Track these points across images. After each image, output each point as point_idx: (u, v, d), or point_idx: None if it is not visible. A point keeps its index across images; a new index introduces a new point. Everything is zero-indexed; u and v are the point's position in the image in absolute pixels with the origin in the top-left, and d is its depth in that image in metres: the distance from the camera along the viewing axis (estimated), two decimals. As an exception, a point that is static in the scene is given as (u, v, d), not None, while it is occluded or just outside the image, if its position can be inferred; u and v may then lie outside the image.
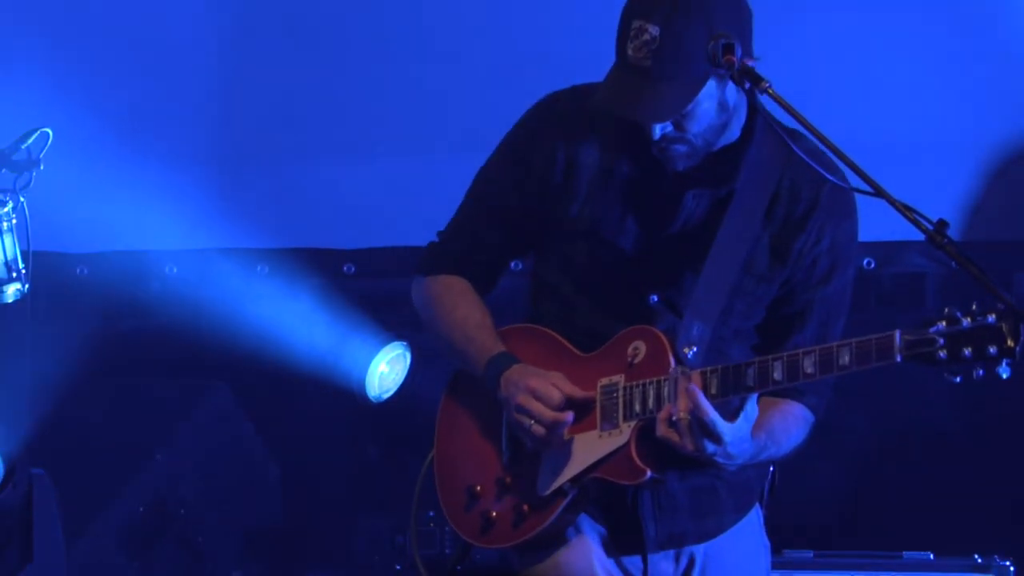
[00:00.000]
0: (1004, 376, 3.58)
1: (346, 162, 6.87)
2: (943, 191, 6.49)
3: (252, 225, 6.79)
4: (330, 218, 6.87)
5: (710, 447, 3.88)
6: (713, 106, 3.93)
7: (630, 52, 3.86)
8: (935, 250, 3.69)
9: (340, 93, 6.83)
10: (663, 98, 3.86)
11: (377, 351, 6.81)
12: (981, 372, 3.59)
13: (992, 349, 3.56)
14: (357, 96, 6.82)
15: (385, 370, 6.83)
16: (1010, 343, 3.54)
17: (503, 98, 6.42)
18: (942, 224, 3.66)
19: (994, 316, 3.57)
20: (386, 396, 6.82)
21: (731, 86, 3.92)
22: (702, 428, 3.85)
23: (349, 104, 6.82)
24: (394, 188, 6.83)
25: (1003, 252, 6.59)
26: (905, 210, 3.68)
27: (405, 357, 6.83)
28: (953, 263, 3.68)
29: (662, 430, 3.91)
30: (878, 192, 3.74)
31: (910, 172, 5.88)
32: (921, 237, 3.67)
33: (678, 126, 3.94)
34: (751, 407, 3.89)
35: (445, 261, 4.31)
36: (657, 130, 3.93)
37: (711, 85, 3.89)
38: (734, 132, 4.03)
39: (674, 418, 3.88)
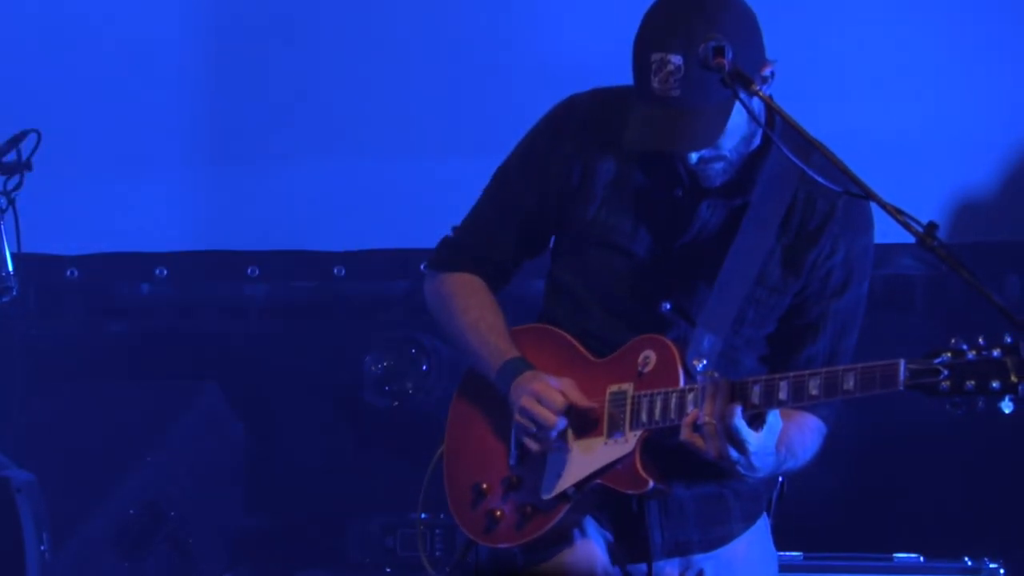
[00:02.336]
0: (1007, 411, 3.53)
1: (336, 164, 6.86)
2: (933, 193, 6.49)
3: (242, 227, 6.79)
4: (320, 220, 6.87)
5: (734, 455, 3.83)
6: (744, 118, 3.90)
7: (655, 85, 3.83)
8: (925, 252, 3.64)
9: (330, 95, 6.82)
10: (699, 125, 3.84)
11: (366, 354, 6.79)
12: (983, 406, 3.55)
13: (995, 384, 3.52)
14: (347, 98, 6.82)
15: (384, 374, 6.80)
16: (1014, 379, 3.50)
17: (495, 101, 6.46)
18: (932, 226, 3.61)
19: (999, 351, 3.53)
20: (392, 399, 6.79)
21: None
22: (728, 435, 3.81)
23: (339, 106, 6.82)
24: (384, 190, 6.82)
25: (994, 253, 6.59)
26: (895, 212, 3.65)
27: (415, 360, 6.79)
28: (944, 265, 3.65)
29: (686, 434, 3.86)
30: (868, 194, 3.71)
31: (900, 174, 5.89)
32: (911, 239, 3.64)
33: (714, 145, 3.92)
34: (774, 419, 3.84)
35: (460, 258, 4.31)
36: (694, 156, 3.92)
37: (741, 98, 3.85)
38: (756, 141, 4.01)
39: (699, 422, 3.84)
